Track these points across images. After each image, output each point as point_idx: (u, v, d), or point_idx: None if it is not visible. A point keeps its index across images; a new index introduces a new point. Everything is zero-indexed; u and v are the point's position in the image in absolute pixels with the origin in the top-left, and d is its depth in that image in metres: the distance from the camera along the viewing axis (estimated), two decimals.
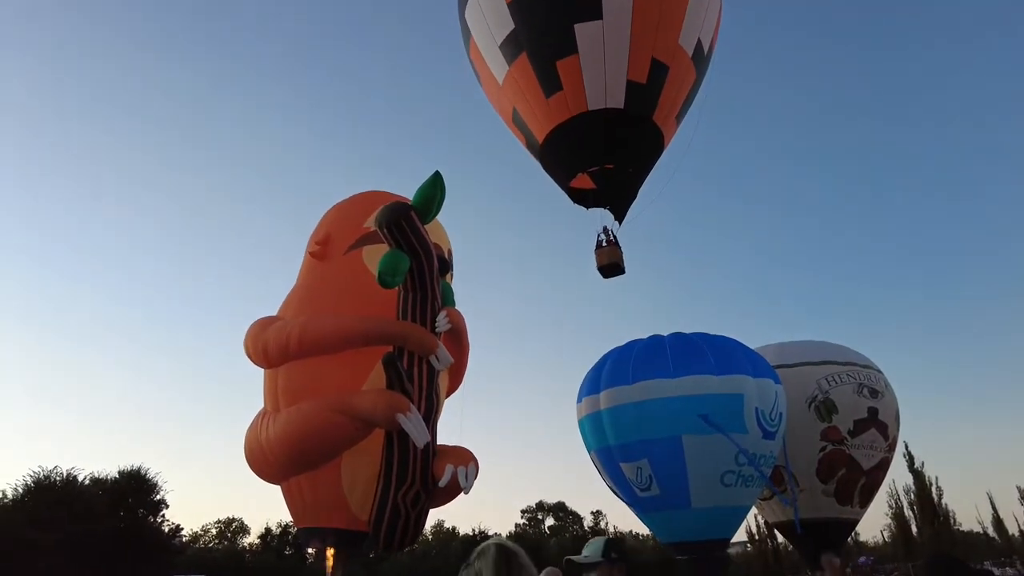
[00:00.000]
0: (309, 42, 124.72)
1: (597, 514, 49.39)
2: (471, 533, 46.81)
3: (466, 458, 7.27)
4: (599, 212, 16.01)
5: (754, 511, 17.75)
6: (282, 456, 7.27)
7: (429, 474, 7.16)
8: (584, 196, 15.86)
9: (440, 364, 7.40)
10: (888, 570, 36.33)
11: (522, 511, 51.56)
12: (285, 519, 43.22)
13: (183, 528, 35.50)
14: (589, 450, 14.38)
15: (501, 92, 15.76)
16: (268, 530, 42.76)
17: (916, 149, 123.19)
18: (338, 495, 7.30)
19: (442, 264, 7.93)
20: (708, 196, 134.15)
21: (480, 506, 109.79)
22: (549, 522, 51.34)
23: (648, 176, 16.26)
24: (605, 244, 15.67)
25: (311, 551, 35.52)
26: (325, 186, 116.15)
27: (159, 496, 31.35)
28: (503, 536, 47.36)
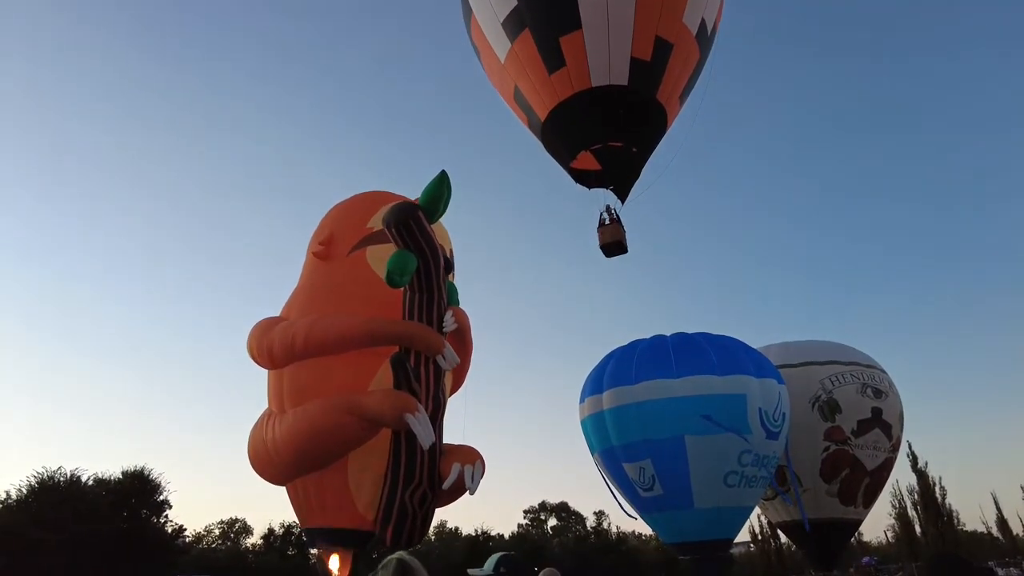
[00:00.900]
0: (305, 40, 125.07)
1: (600, 514, 49.19)
2: (474, 533, 46.75)
3: (473, 457, 7.29)
4: (601, 193, 15.64)
5: (757, 511, 17.74)
6: (289, 456, 7.27)
7: (436, 474, 7.19)
8: (587, 176, 15.53)
9: (447, 364, 7.40)
10: (892, 571, 36.24)
11: (525, 511, 51.44)
12: (288, 519, 43.23)
13: (186, 529, 35.50)
14: (592, 451, 14.38)
15: (503, 70, 15.48)
16: (271, 530, 42.73)
17: (920, 149, 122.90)
18: (345, 495, 7.31)
19: (446, 264, 7.93)
20: (709, 196, 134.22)
21: (482, 506, 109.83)
22: (552, 522, 51.24)
23: (651, 156, 15.75)
24: (608, 223, 15.43)
25: (314, 551, 35.49)
26: (326, 185, 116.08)
27: (162, 497, 31.35)
28: (505, 537, 47.45)
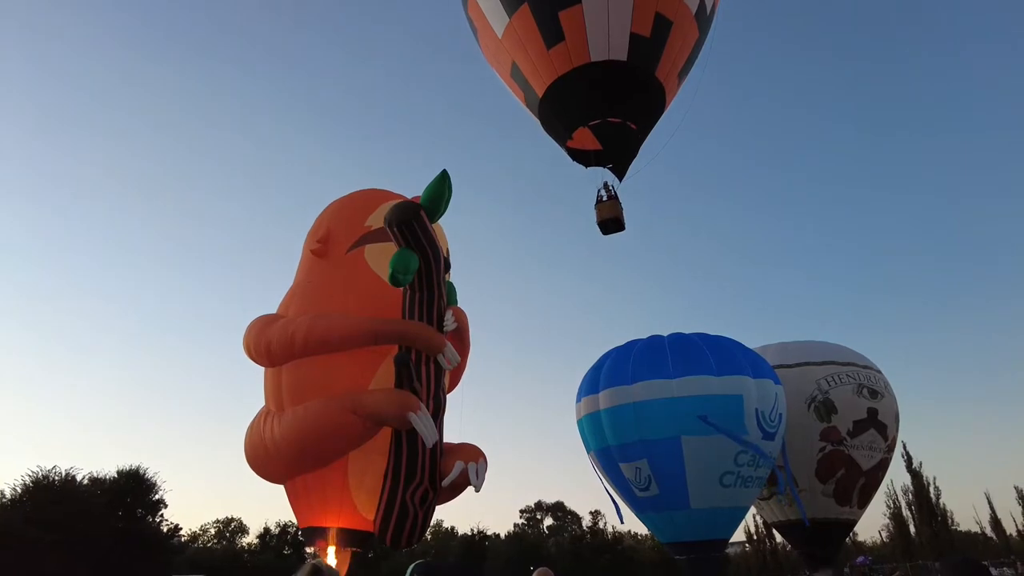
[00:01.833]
0: (296, 37, 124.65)
1: (596, 514, 49.27)
2: (470, 533, 46.80)
3: (476, 455, 7.34)
4: (598, 173, 15.37)
5: (752, 511, 17.78)
6: (290, 455, 7.26)
7: (438, 472, 7.21)
8: (585, 156, 15.33)
9: (448, 364, 7.45)
10: (886, 570, 36.39)
11: (521, 511, 51.58)
12: (284, 519, 43.24)
13: (181, 528, 35.55)
14: (588, 450, 14.39)
15: (500, 46, 15.25)
16: (267, 530, 42.78)
17: (916, 148, 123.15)
18: (344, 494, 7.32)
19: (445, 263, 7.96)
20: (707, 196, 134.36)
21: (479, 506, 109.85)
22: (548, 522, 51.37)
23: (648, 135, 15.51)
24: (606, 199, 15.19)
25: (310, 550, 35.49)
26: (319, 183, 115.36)
27: (158, 496, 31.37)
28: (501, 536, 47.47)
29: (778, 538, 39.53)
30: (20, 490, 27.19)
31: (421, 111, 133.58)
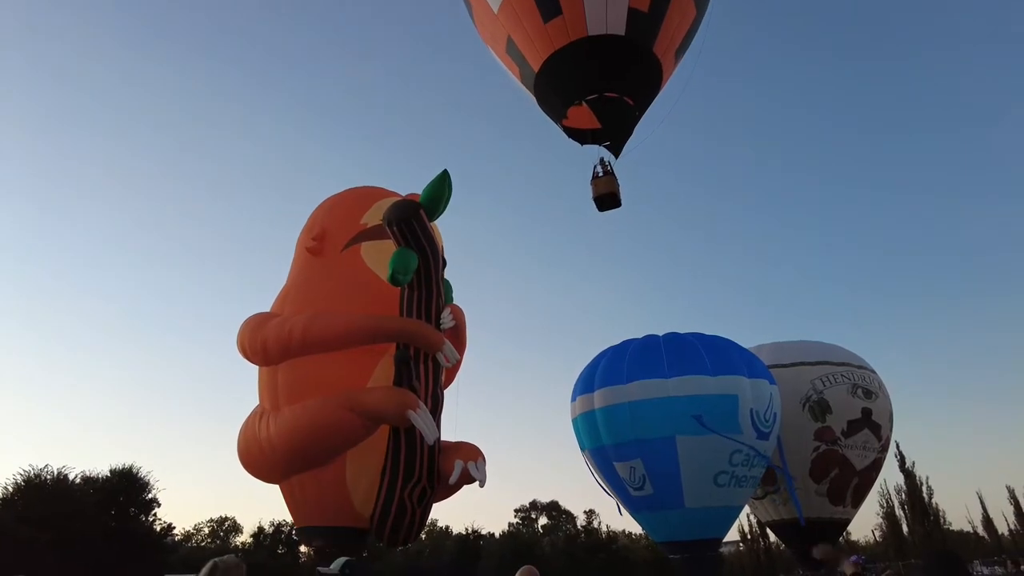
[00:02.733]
0: (296, 37, 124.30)
1: (590, 513, 49.28)
2: (464, 532, 46.76)
3: (474, 454, 7.36)
4: (593, 153, 15.15)
5: (746, 510, 17.82)
6: (287, 454, 7.22)
7: (436, 470, 7.23)
8: (581, 135, 15.16)
9: (447, 362, 7.46)
10: (879, 569, 36.52)
11: (515, 510, 51.56)
12: (278, 518, 43.10)
13: (175, 527, 35.41)
14: (582, 449, 14.39)
15: (496, 21, 15.01)
16: (261, 529, 42.61)
17: (909, 150, 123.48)
18: (342, 492, 7.28)
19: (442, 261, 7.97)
20: (704, 195, 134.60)
21: (474, 505, 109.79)
22: (543, 521, 51.35)
23: (645, 114, 15.32)
24: (602, 175, 15.03)
25: (304, 550, 35.41)
26: (319, 183, 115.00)
27: (151, 495, 31.25)
28: (496, 536, 47.39)
29: (772, 537, 39.61)
30: (12, 489, 27.04)
31: (420, 110, 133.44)
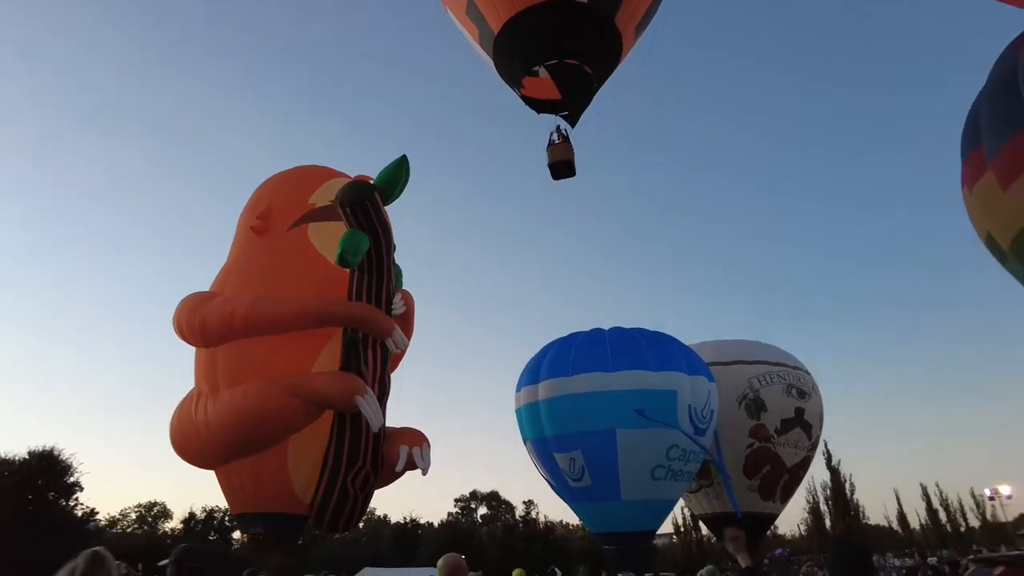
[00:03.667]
0: (297, 36, 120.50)
1: (529, 504, 49.81)
2: (403, 521, 46.51)
3: (419, 440, 7.23)
4: (550, 119, 14.94)
5: (680, 503, 18.28)
6: (225, 439, 6.95)
7: (380, 456, 7.10)
8: (539, 104, 15.02)
9: (396, 347, 7.32)
10: (800, 561, 38.14)
11: (455, 500, 51.65)
12: (210, 504, 41.92)
13: (98, 512, 34.02)
14: (525, 440, 14.47)
15: None
16: (192, 515, 41.43)
17: (853, 152, 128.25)
18: (282, 478, 7.08)
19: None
20: (655, 193, 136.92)
21: (413, 494, 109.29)
22: (482, 511, 51.57)
23: (602, 85, 15.13)
24: (558, 141, 14.91)
25: (238, 536, 34.56)
26: (246, 157, 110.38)
27: (73, 478, 29.89)
28: (434, 525, 47.34)
29: (704, 530, 40.86)
30: None
31: (387, 86, 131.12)
